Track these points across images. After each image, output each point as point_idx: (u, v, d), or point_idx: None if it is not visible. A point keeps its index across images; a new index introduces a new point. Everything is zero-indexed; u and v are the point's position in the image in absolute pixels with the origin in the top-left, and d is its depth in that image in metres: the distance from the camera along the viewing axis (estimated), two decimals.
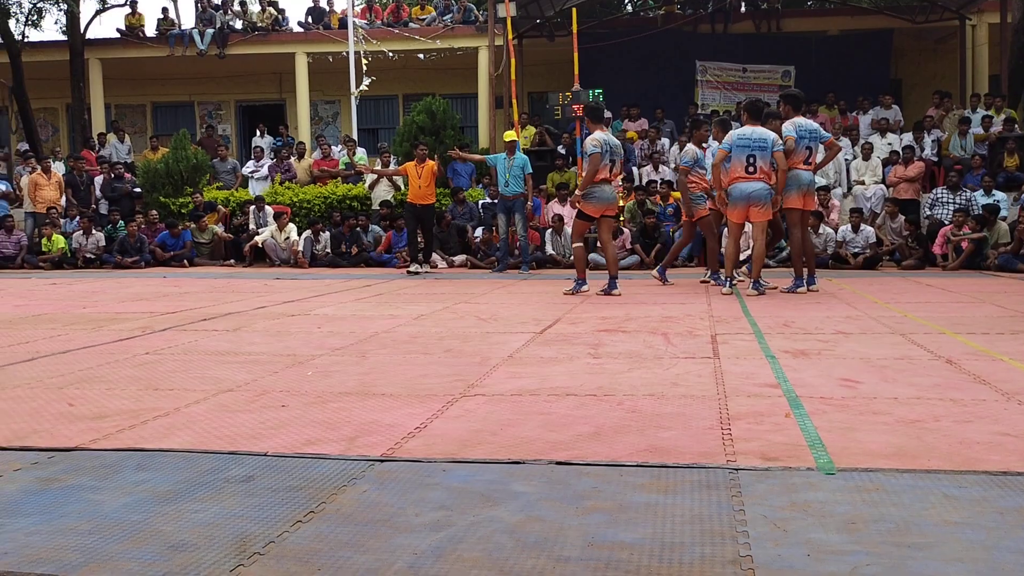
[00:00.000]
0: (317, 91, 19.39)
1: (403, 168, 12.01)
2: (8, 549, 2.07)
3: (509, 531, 2.18)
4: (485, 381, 4.08)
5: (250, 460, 2.84)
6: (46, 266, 13.73)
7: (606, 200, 8.38)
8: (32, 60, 18.65)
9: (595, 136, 8.34)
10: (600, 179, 8.29)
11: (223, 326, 6.28)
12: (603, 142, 8.26)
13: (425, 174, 11.51)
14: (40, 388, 4.05)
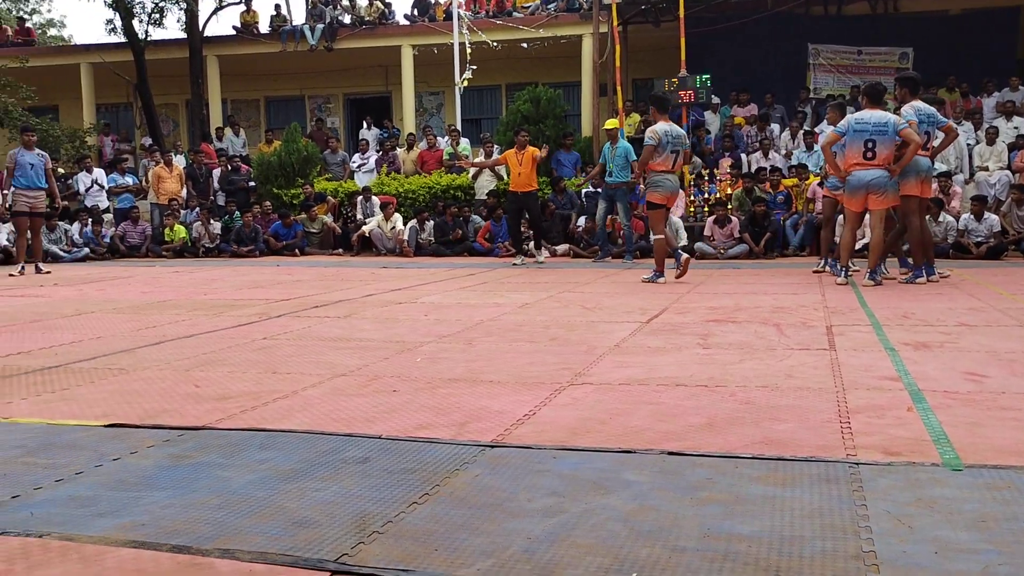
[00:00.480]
0: (422, 82, 19.67)
1: (503, 156, 11.94)
2: (146, 521, 2.19)
3: (622, 519, 2.17)
4: (592, 370, 4.07)
5: (365, 442, 2.91)
6: (168, 254, 14.39)
7: (671, 189, 8.64)
8: (154, 58, 19.54)
9: (655, 128, 8.55)
10: (662, 169, 8.53)
11: (334, 313, 6.46)
12: (663, 134, 8.45)
13: (525, 160, 11.39)
14: (168, 370, 4.26)
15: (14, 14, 26.53)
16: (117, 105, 21.97)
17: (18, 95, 18.07)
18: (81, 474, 2.59)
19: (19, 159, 10.82)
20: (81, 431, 3.10)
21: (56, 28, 41.89)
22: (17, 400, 3.61)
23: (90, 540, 2.06)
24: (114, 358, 4.60)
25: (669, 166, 8.53)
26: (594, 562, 1.91)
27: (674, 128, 8.66)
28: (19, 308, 7.20)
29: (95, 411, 3.39)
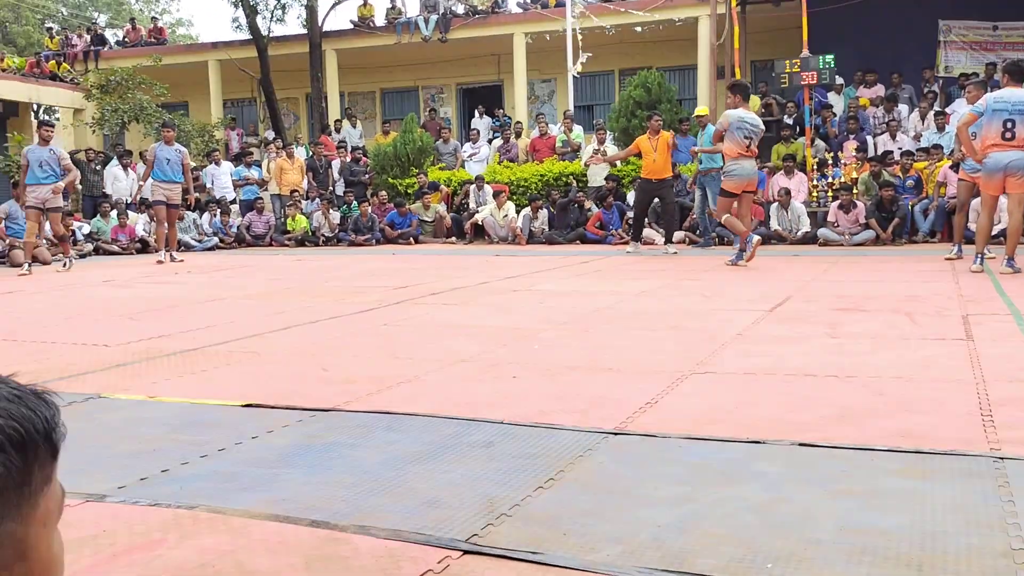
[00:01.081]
0: (534, 70, 19.68)
1: (635, 144, 11.40)
2: (286, 496, 2.28)
3: (754, 510, 2.13)
4: (715, 359, 4.00)
5: (488, 427, 2.95)
6: (290, 244, 14.91)
7: (747, 176, 8.68)
8: (276, 54, 20.22)
9: (727, 112, 8.72)
10: (736, 155, 8.55)
11: (451, 300, 6.55)
12: (734, 119, 8.55)
13: (660, 147, 10.89)
14: (297, 354, 4.41)
15: (147, 15, 27.94)
16: (242, 100, 22.86)
17: (152, 92, 19.03)
18: (223, 451, 2.72)
19: (157, 153, 11.40)
20: (221, 410, 3.25)
21: (185, 27, 43.94)
22: (161, 381, 3.81)
23: (235, 513, 2.17)
24: (246, 342, 4.80)
25: (743, 150, 8.53)
26: (726, 552, 1.88)
27: (748, 114, 8.71)
28: (157, 295, 7.60)
29: (232, 392, 3.55)
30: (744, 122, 8.52)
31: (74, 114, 20.92)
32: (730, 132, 8.51)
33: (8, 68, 20.75)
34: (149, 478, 2.47)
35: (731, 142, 8.58)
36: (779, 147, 13.67)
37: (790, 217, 12.08)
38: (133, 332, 5.23)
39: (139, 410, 3.30)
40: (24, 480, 0.55)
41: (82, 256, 13.24)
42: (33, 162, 10.53)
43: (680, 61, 18.53)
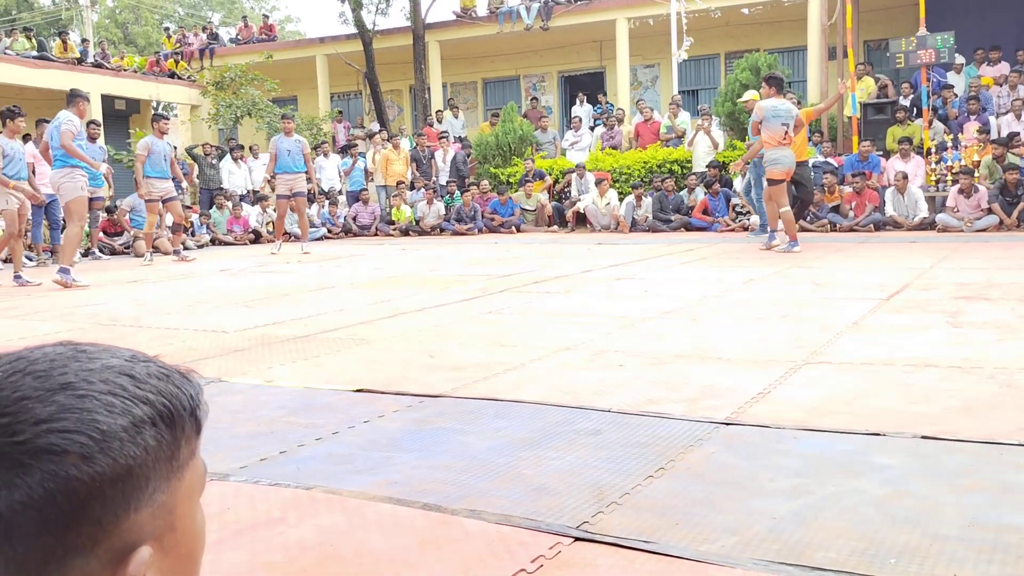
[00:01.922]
0: (636, 56, 19.45)
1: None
2: (398, 479, 2.32)
3: (875, 504, 2.05)
4: (830, 348, 3.87)
5: (596, 415, 2.94)
6: (395, 233, 15.19)
7: (789, 164, 8.86)
8: (381, 47, 20.60)
9: (760, 103, 8.91)
10: (775, 144, 8.72)
11: (554, 288, 6.55)
12: (768, 108, 8.71)
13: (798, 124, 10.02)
14: (404, 341, 4.49)
15: (258, 12, 28.86)
16: (348, 93, 23.39)
17: (263, 87, 19.67)
18: (337, 434, 2.79)
19: (279, 146, 11.77)
20: (333, 395, 3.34)
21: (293, 23, 45.24)
22: (276, 366, 3.95)
23: (351, 494, 2.22)
24: (355, 329, 4.91)
25: (781, 139, 8.70)
26: (847, 546, 1.82)
27: (783, 103, 8.88)
28: (270, 284, 7.87)
29: (343, 377, 3.64)
30: (778, 110, 8.72)
31: (191, 110, 21.83)
32: (766, 122, 8.70)
33: (129, 67, 21.78)
34: (268, 459, 2.56)
35: (768, 132, 8.75)
36: (894, 129, 13.12)
37: (907, 202, 11.59)
38: (249, 319, 5.43)
39: (257, 393, 3.42)
40: (173, 453, 0.57)
41: (199, 247, 13.83)
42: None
43: (789, 42, 17.98)
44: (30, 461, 0.51)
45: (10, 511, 0.50)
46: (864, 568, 1.72)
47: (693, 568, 1.76)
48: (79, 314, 6.07)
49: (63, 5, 37.77)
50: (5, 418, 0.52)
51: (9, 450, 0.51)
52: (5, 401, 0.52)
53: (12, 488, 0.50)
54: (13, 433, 0.51)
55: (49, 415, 0.52)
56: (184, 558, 0.60)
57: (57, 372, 0.55)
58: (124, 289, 7.94)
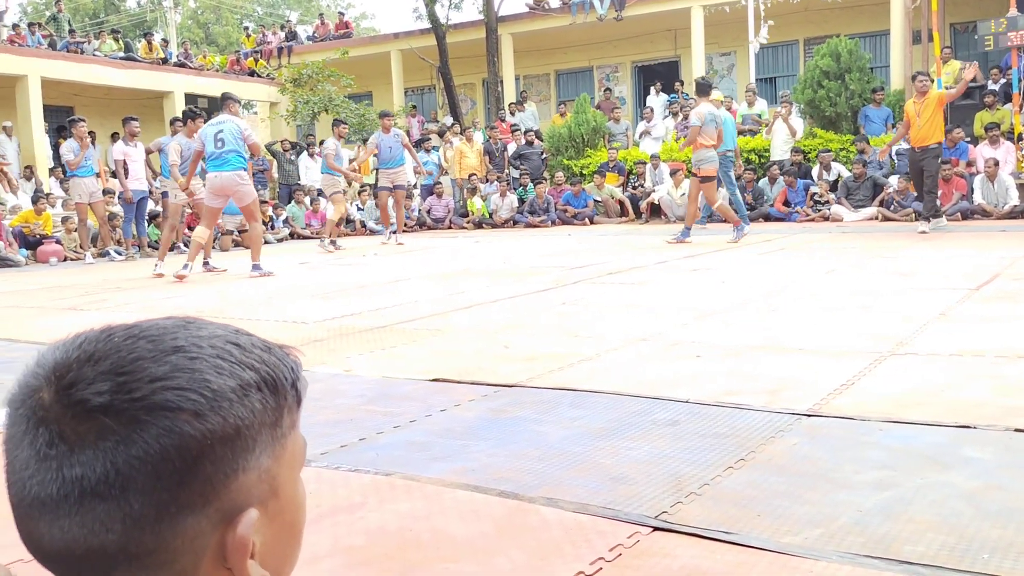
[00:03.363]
0: (712, 44, 19.14)
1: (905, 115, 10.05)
2: (475, 467, 2.34)
3: (965, 497, 1.98)
4: (916, 339, 3.75)
5: (673, 406, 2.91)
6: (469, 226, 15.28)
7: (717, 162, 9.74)
8: (454, 41, 20.71)
9: (698, 109, 9.56)
10: (710, 145, 9.48)
11: (628, 280, 6.50)
12: (706, 114, 9.43)
13: (926, 109, 9.61)
14: (479, 332, 4.52)
15: (334, 10, 29.34)
16: (422, 88, 23.60)
17: (340, 84, 19.99)
18: (414, 422, 2.83)
19: (380, 143, 11.97)
20: (410, 384, 3.38)
21: (368, 20, 45.85)
22: (355, 355, 4.01)
23: (429, 481, 2.25)
24: (430, 320, 4.96)
25: (715, 141, 9.51)
26: (936, 540, 1.77)
27: (713, 107, 9.75)
28: (348, 276, 8.00)
29: (419, 367, 3.68)
30: (713, 114, 9.57)
31: (270, 107, 22.32)
32: (706, 125, 9.43)
33: (211, 67, 22.38)
34: (348, 445, 2.61)
35: (706, 134, 9.47)
36: (982, 114, 12.63)
37: (996, 190, 11.15)
38: (327, 310, 5.53)
39: (336, 382, 3.48)
40: (277, 420, 0.59)
41: (279, 240, 14.15)
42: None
43: (871, 27, 17.45)
44: (146, 417, 0.53)
45: (127, 466, 0.52)
46: (955, 563, 1.67)
47: (775, 560, 1.73)
48: (165, 306, 6.27)
49: (148, 7, 39.05)
50: (122, 376, 0.53)
51: (126, 406, 0.53)
52: (122, 361, 0.54)
53: (129, 444, 0.52)
54: (130, 391, 0.53)
55: (163, 374, 0.54)
56: (288, 526, 0.61)
57: (169, 337, 0.56)
58: (207, 282, 8.17)
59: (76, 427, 0.52)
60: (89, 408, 0.53)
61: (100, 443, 0.52)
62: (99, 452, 0.52)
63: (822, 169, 12.92)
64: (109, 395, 0.53)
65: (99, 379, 0.53)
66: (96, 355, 0.55)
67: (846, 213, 12.03)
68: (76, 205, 11.99)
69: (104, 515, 0.52)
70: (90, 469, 0.52)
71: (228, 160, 8.28)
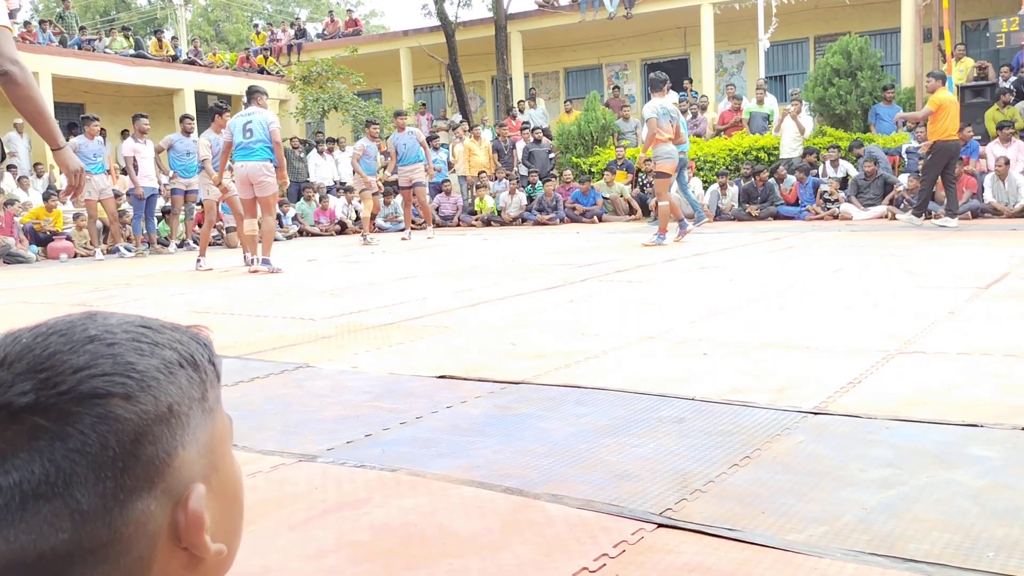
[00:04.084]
0: (722, 42, 19.11)
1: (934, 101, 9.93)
2: (480, 463, 2.34)
3: (971, 496, 1.98)
4: (924, 338, 3.74)
5: (679, 403, 2.90)
6: (477, 224, 15.29)
7: (676, 157, 9.47)
8: (463, 38, 20.73)
9: (651, 103, 9.38)
10: (667, 139, 9.26)
11: (636, 278, 6.50)
12: (659, 107, 9.24)
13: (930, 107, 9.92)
14: (486, 329, 4.52)
15: (344, 7, 29.38)
16: (431, 85, 23.62)
17: (349, 81, 20.02)
18: (421, 419, 2.83)
19: (396, 143, 12.04)
20: (417, 381, 3.39)
21: (378, 17, 45.88)
22: (362, 352, 4.02)
23: (434, 477, 2.25)
24: (438, 317, 4.97)
25: (672, 136, 9.31)
26: (941, 538, 1.76)
27: (667, 102, 9.51)
28: (356, 273, 8.02)
29: (427, 364, 3.69)
30: (667, 109, 9.36)
31: (279, 105, 22.36)
32: (659, 120, 9.22)
33: (221, 64, 22.44)
34: (354, 441, 2.62)
35: (661, 128, 9.25)
36: (994, 113, 12.56)
37: (1007, 189, 11.09)
38: (335, 307, 5.54)
39: (343, 379, 3.49)
40: (203, 395, 0.59)
41: (288, 238, 14.18)
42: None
43: (881, 25, 17.40)
44: (77, 408, 0.52)
45: (67, 461, 0.51)
46: (960, 561, 1.66)
47: (779, 557, 1.73)
48: (174, 302, 6.30)
49: (158, 5, 39.17)
50: (43, 373, 0.53)
51: (54, 401, 0.52)
52: (39, 359, 0.53)
53: (65, 438, 0.51)
54: (54, 385, 0.52)
55: (85, 363, 0.53)
56: (230, 500, 0.62)
57: (79, 329, 0.56)
58: (215, 279, 8.20)
59: (2, 433, 0.51)
60: (14, 411, 0.51)
61: (33, 443, 0.51)
62: (34, 453, 0.51)
63: (829, 166, 12.88)
64: (34, 393, 0.52)
65: (18, 380, 0.52)
66: (8, 359, 0.54)
67: (856, 211, 11.99)
68: (86, 202, 12.05)
69: (51, 516, 0.51)
70: (28, 472, 0.51)
71: (255, 151, 8.35)
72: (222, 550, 0.59)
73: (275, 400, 3.18)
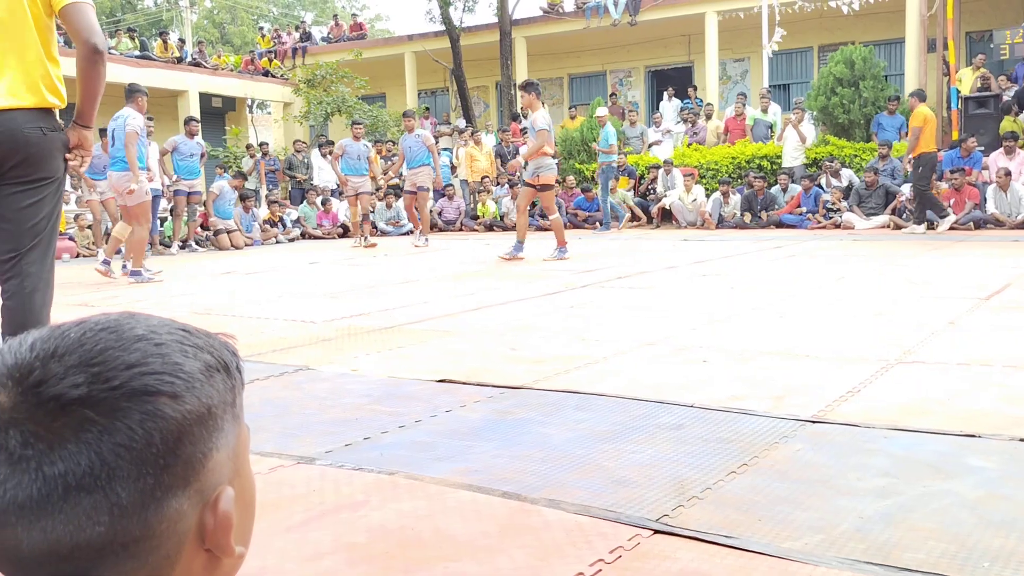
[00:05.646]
0: (726, 50, 19.12)
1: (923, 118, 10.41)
2: (478, 467, 2.35)
3: (968, 506, 1.98)
4: (924, 348, 3.75)
5: (678, 410, 2.91)
6: (480, 228, 15.29)
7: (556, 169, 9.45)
8: (468, 43, 20.75)
9: (542, 113, 8.97)
10: (551, 152, 9.10)
11: (637, 284, 6.50)
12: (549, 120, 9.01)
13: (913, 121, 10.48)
14: (486, 334, 4.53)
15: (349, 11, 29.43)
16: (435, 90, 23.65)
17: (353, 85, 20.05)
18: (419, 422, 2.84)
19: (403, 144, 12.02)
20: (416, 384, 3.40)
21: (383, 21, 45.99)
22: (362, 355, 4.03)
23: (432, 480, 2.26)
24: (439, 321, 4.98)
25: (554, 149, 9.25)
26: (937, 548, 1.77)
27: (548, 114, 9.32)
28: (357, 276, 8.03)
29: (426, 367, 3.69)
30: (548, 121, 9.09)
31: (283, 108, 22.41)
32: (549, 133, 9.05)
33: (225, 66, 22.49)
34: (353, 444, 2.62)
35: (544, 139, 8.90)
36: (1010, 124, 12.51)
37: (1009, 200, 11.09)
38: (336, 310, 5.55)
39: (343, 381, 3.50)
40: (233, 400, 0.61)
41: (290, 240, 14.20)
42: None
43: (885, 35, 17.41)
44: (127, 404, 0.53)
45: (112, 455, 0.52)
46: (955, 571, 1.66)
47: (775, 565, 1.73)
48: (174, 304, 6.31)
49: (164, 7, 39.28)
50: (95, 367, 0.53)
51: (106, 396, 0.53)
52: (91, 353, 0.54)
53: (113, 432, 0.52)
54: (107, 380, 0.53)
55: (136, 360, 0.54)
56: (248, 505, 0.63)
57: (127, 327, 0.57)
58: (217, 280, 8.21)
59: (51, 424, 0.52)
60: (65, 402, 0.52)
61: (82, 435, 0.52)
62: (82, 445, 0.52)
63: (830, 176, 12.88)
64: (86, 387, 0.52)
65: (70, 373, 0.53)
66: (58, 351, 0.54)
67: (858, 221, 11.99)
68: (88, 202, 12.06)
69: (91, 508, 0.52)
70: (74, 463, 0.51)
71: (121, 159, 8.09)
72: (242, 553, 0.60)
73: (274, 402, 3.18)
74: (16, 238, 2.59)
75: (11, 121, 2.54)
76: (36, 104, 2.60)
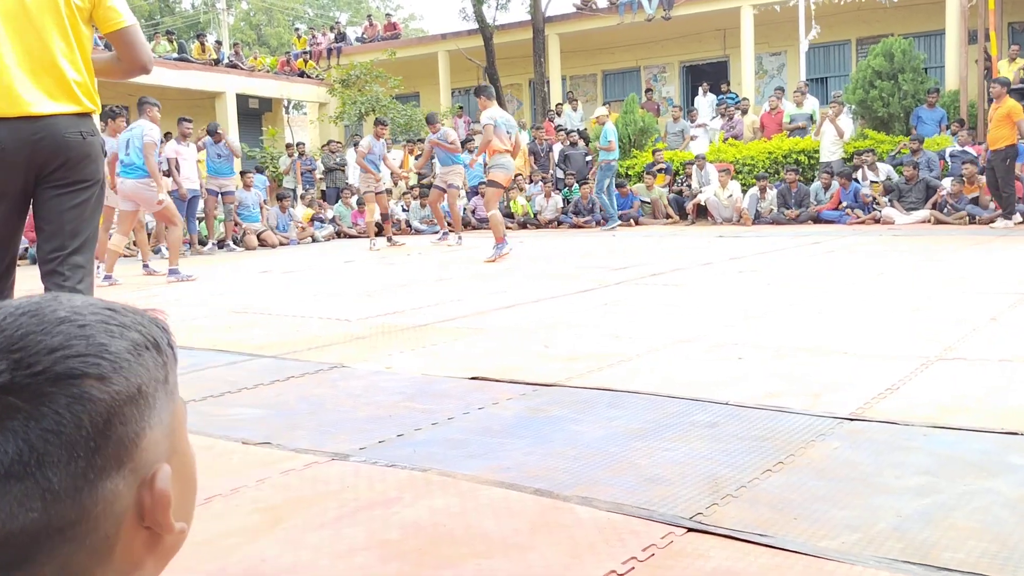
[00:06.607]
0: (762, 44, 18.92)
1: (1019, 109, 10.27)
2: (510, 465, 2.35)
3: (1010, 505, 1.94)
4: (965, 344, 3.68)
5: (713, 407, 2.88)
6: (513, 226, 15.27)
7: (511, 170, 9.34)
8: (501, 41, 20.75)
9: (489, 112, 9.04)
10: (504, 150, 9.01)
11: (672, 281, 6.46)
12: (499, 118, 9.05)
13: (997, 115, 10.15)
14: (519, 331, 4.52)
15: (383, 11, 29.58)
16: (469, 88, 23.66)
17: (387, 84, 20.14)
18: (452, 419, 2.84)
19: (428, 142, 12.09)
20: (449, 382, 3.40)
21: (416, 21, 46.16)
22: (396, 353, 4.05)
23: (464, 478, 2.26)
24: (471, 319, 4.98)
25: (508, 147, 9.04)
26: (977, 547, 1.73)
27: (504, 113, 9.41)
28: (391, 275, 8.07)
29: (459, 365, 3.70)
30: (506, 119, 9.21)
31: (319, 108, 22.58)
32: (497, 129, 9.01)
33: (262, 68, 22.71)
34: (386, 441, 2.63)
35: (499, 139, 9.00)
36: None
37: None
38: (371, 308, 5.58)
39: (377, 379, 3.52)
40: (166, 376, 0.60)
41: (325, 239, 14.30)
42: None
43: (925, 27, 17.11)
44: (51, 388, 0.52)
45: (41, 441, 0.52)
46: (996, 571, 1.63)
47: (810, 564, 1.71)
48: (214, 303, 6.39)
49: (202, 9, 39.78)
50: (17, 353, 0.53)
51: (29, 382, 0.52)
52: (11, 339, 0.54)
53: (40, 418, 0.52)
54: (29, 365, 0.53)
55: (59, 344, 0.54)
56: (187, 481, 0.63)
57: (48, 310, 0.56)
58: (254, 279, 8.30)
59: None
60: None
61: (7, 423, 0.51)
62: (8, 432, 0.51)
63: (866, 169, 12.68)
64: (8, 373, 0.52)
65: None
66: None
67: (898, 216, 11.80)
68: None
69: (22, 495, 0.51)
70: (1, 451, 0.51)
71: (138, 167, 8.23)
72: (184, 529, 0.60)
73: (309, 399, 3.21)
74: (59, 239, 2.65)
75: (52, 126, 2.60)
76: (75, 109, 2.65)
